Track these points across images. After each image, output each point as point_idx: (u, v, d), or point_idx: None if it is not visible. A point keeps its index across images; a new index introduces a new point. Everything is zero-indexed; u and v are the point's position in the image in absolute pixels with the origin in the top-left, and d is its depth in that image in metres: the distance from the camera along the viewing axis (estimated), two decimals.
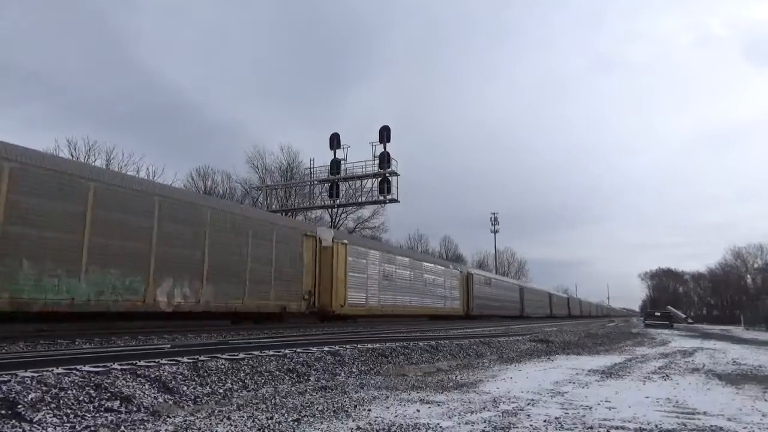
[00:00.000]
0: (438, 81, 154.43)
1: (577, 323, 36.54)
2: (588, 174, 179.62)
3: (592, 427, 3.80)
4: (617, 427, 3.84)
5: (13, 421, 3.39)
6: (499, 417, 4.12)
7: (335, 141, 27.94)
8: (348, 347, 8.25)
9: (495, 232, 68.44)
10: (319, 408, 4.30)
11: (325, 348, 7.88)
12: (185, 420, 3.72)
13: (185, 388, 4.77)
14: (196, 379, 5.08)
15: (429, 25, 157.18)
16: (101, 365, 5.03)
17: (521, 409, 4.48)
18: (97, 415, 3.77)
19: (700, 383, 6.79)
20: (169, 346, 8.02)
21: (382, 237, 47.99)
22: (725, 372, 8.32)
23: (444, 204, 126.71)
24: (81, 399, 3.98)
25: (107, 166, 32.44)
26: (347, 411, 4.22)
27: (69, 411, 3.74)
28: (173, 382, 4.83)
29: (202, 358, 6.00)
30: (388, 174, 26.56)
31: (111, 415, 3.79)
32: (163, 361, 5.55)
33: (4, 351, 7.05)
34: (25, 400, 3.71)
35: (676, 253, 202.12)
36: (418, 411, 4.31)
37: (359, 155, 34.05)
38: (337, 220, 45.11)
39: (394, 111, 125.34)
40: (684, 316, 78.22)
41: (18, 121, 49.20)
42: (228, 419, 3.79)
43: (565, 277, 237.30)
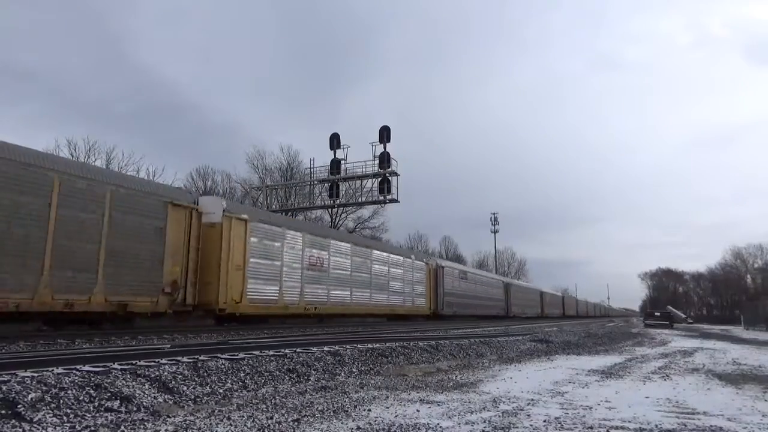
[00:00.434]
0: (438, 81, 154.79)
1: (577, 323, 36.54)
2: (588, 174, 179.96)
3: (592, 427, 3.81)
4: (617, 427, 3.84)
5: (13, 421, 3.39)
6: (499, 417, 4.13)
7: (335, 141, 27.94)
8: (348, 347, 8.27)
9: (495, 232, 68.42)
10: (319, 408, 4.30)
11: (325, 348, 7.89)
12: (185, 420, 3.72)
13: (185, 388, 4.77)
14: (196, 379, 5.08)
15: (429, 25, 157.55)
16: (101, 365, 5.03)
17: (521, 409, 4.48)
18: (97, 415, 3.77)
19: (700, 383, 6.79)
20: (169, 346, 8.03)
21: (382, 237, 47.95)
22: (725, 372, 8.32)
23: (444, 204, 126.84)
24: (81, 399, 3.98)
25: (107, 166, 32.35)
26: (347, 411, 4.22)
27: (69, 411, 3.74)
28: (173, 381, 4.83)
29: (202, 357, 6.01)
30: (388, 174, 26.56)
31: (111, 415, 3.80)
32: (163, 361, 5.55)
33: (4, 351, 7.05)
34: (25, 400, 3.71)
35: (675, 253, 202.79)
36: (418, 411, 4.31)
37: (359, 155, 34.21)
38: (337, 220, 45.13)
39: (394, 111, 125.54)
40: (684, 316, 78.23)
41: (18, 121, 49.27)
42: (228, 419, 3.79)
43: (565, 277, 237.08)
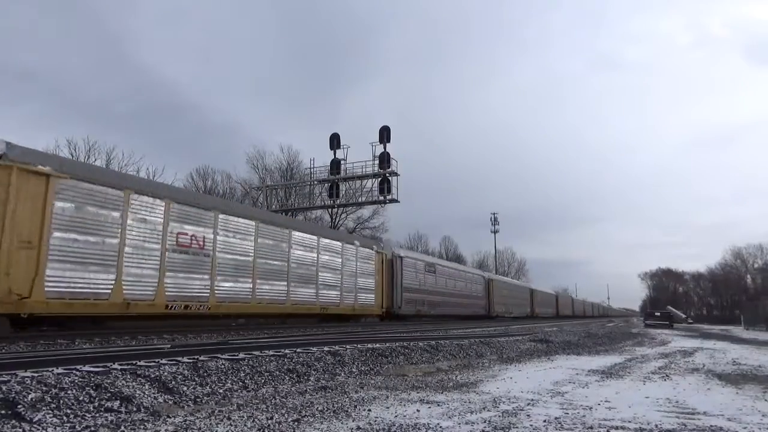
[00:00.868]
0: (438, 81, 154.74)
1: (577, 323, 36.53)
2: (588, 174, 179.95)
3: (592, 427, 3.81)
4: (617, 427, 3.84)
5: (13, 421, 3.39)
6: (499, 417, 4.12)
7: (335, 141, 27.95)
8: (348, 347, 8.26)
9: (495, 232, 68.37)
10: (319, 408, 4.30)
11: (325, 348, 7.89)
12: (185, 420, 3.72)
13: (185, 388, 4.77)
14: (196, 379, 5.08)
15: (429, 25, 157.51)
16: (101, 365, 5.03)
17: (521, 409, 4.47)
18: (97, 415, 3.77)
19: (700, 383, 6.79)
20: (169, 346, 8.03)
21: (382, 237, 47.89)
22: (725, 372, 8.32)
23: (444, 204, 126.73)
24: (81, 399, 3.98)
25: (107, 166, 32.36)
26: (347, 411, 4.22)
27: (69, 411, 3.74)
28: (173, 382, 4.83)
29: (202, 358, 6.01)
30: (388, 174, 26.57)
31: (111, 415, 3.79)
32: (163, 361, 5.55)
33: (4, 351, 7.05)
34: (25, 400, 3.71)
35: (675, 253, 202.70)
36: (418, 411, 4.31)
37: (359, 155, 34.19)
38: (337, 220, 45.13)
39: (394, 111, 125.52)
40: (684, 316, 78.20)
41: (18, 121, 49.25)
42: (228, 419, 3.79)
43: (565, 277, 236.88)
